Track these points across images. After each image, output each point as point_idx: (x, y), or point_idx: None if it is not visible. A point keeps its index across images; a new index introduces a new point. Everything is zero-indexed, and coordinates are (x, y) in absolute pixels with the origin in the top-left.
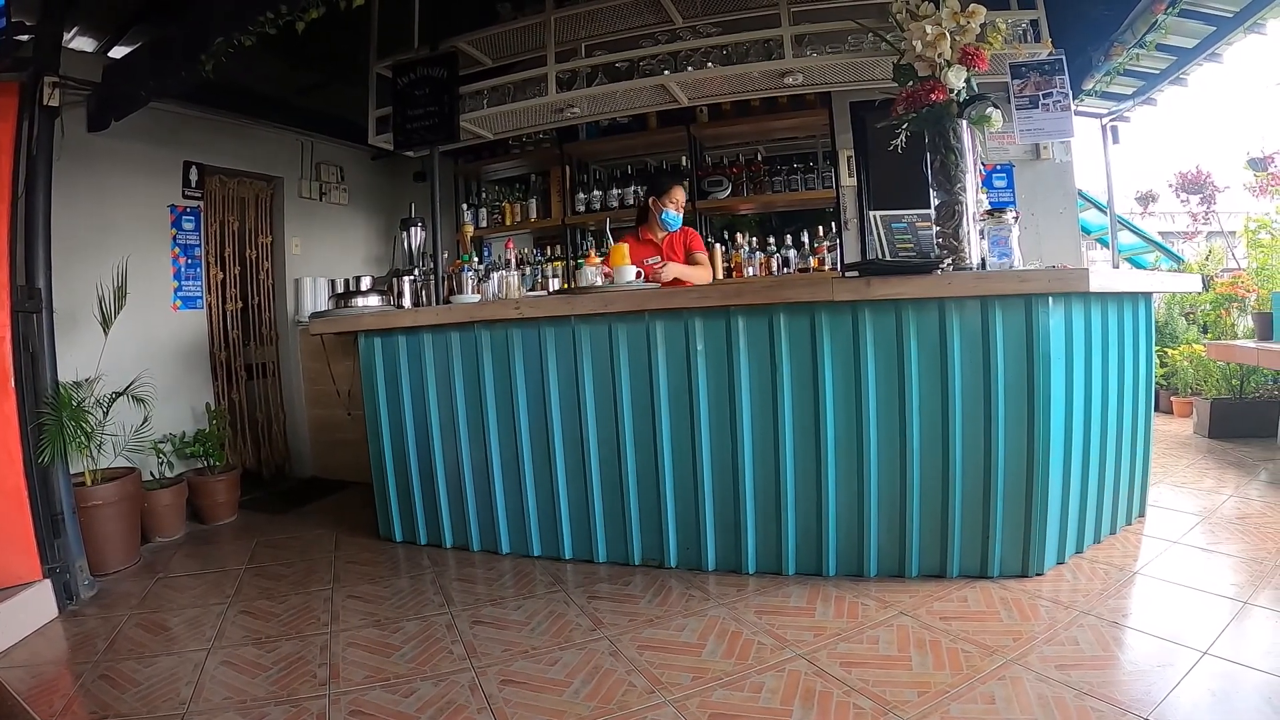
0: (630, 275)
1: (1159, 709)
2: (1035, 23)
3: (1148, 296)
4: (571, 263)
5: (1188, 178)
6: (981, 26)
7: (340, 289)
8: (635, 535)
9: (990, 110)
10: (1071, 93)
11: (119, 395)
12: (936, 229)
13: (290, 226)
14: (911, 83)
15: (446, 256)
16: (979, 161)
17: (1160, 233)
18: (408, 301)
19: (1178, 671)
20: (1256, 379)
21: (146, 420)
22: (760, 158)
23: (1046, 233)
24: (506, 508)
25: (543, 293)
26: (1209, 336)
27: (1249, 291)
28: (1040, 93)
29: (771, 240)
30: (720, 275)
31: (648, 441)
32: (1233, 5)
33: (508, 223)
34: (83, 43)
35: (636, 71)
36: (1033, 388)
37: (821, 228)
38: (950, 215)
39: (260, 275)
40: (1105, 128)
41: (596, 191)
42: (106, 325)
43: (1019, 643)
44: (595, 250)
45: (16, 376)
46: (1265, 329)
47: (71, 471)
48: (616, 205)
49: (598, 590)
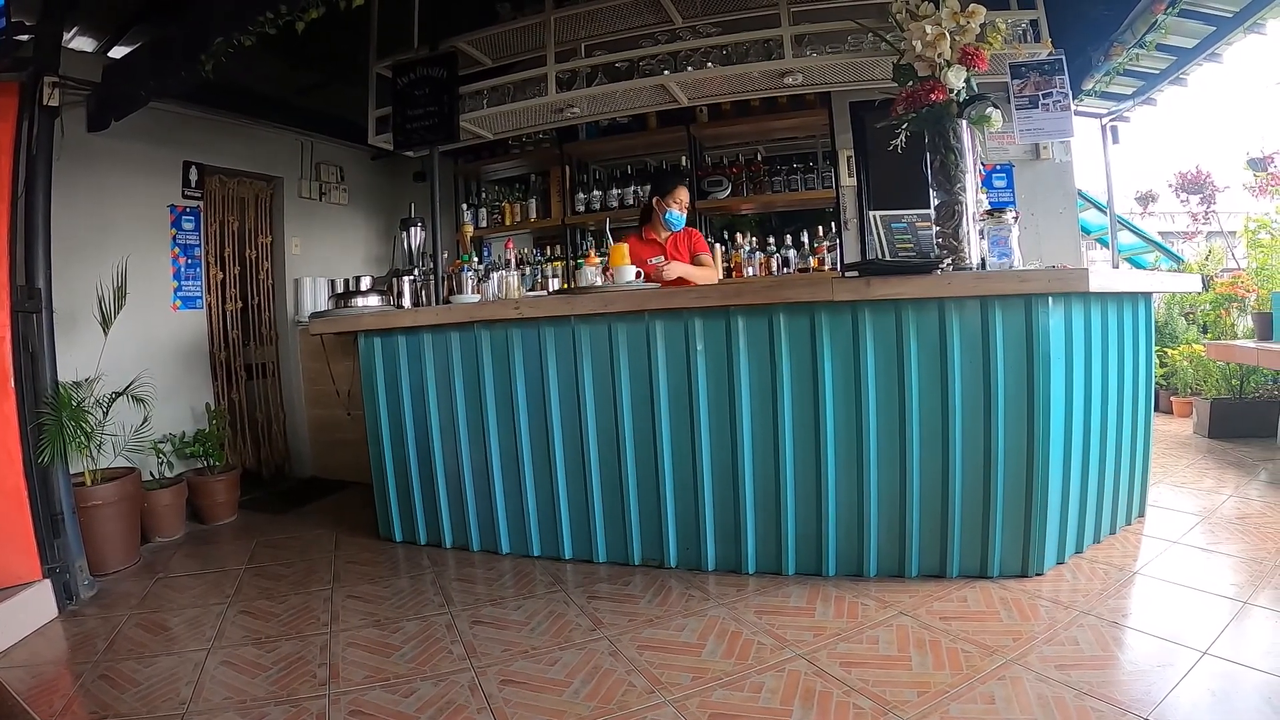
0: (630, 275)
1: (1159, 709)
2: (1035, 23)
3: (1147, 296)
4: (571, 263)
5: (1187, 178)
6: (981, 26)
7: (340, 289)
8: (635, 535)
9: (990, 110)
10: (1071, 93)
11: (119, 395)
12: (936, 229)
13: (290, 226)
14: (911, 83)
15: (446, 256)
16: (979, 161)
17: (1160, 233)
18: (407, 301)
19: (1178, 671)
20: (1256, 379)
21: (146, 420)
22: (760, 158)
23: (1046, 233)
24: (506, 508)
25: (542, 293)
26: (1209, 336)
27: (1249, 291)
28: (1040, 93)
29: (771, 240)
30: (720, 276)
31: (647, 441)
32: (1232, 5)
33: (507, 223)
34: (82, 43)
35: (636, 71)
36: (1032, 388)
37: (821, 228)
38: (950, 215)
39: (260, 275)
40: (1105, 128)
41: (596, 191)
42: (106, 325)
43: (1019, 643)
44: (595, 250)
45: (16, 376)
46: (1265, 329)
47: (71, 471)
48: (616, 205)
49: (597, 590)
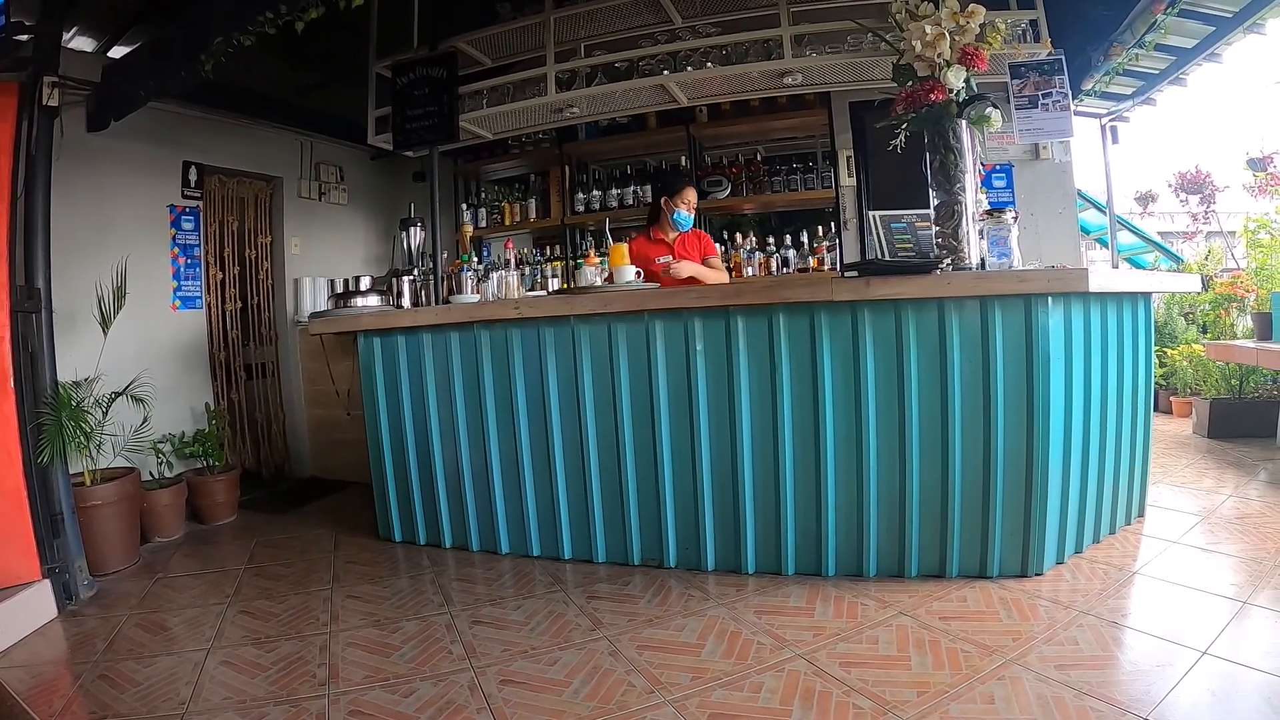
0: (630, 275)
1: (1158, 709)
2: (1034, 23)
3: (1147, 296)
4: (571, 263)
5: (1187, 178)
6: (981, 26)
7: (339, 289)
8: (635, 535)
9: (989, 110)
10: (1071, 93)
11: (118, 395)
12: (936, 229)
13: (290, 226)
14: (911, 83)
15: (446, 256)
16: (978, 161)
17: (1160, 233)
18: (407, 301)
19: (1177, 671)
20: (1256, 379)
21: (146, 420)
22: (760, 158)
23: (1046, 233)
24: (506, 508)
25: (542, 293)
26: (1208, 336)
27: (1248, 291)
28: (1039, 93)
29: (771, 240)
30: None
31: (647, 441)
32: (1232, 5)
33: (507, 223)
34: (82, 42)
35: (636, 71)
36: (1032, 387)
37: (821, 228)
38: (949, 215)
39: (260, 275)
40: (1104, 128)
41: (596, 191)
42: (106, 325)
43: (1018, 643)
44: (595, 250)
45: (16, 376)
46: (1264, 329)
47: (71, 471)
48: (616, 205)
49: (597, 590)
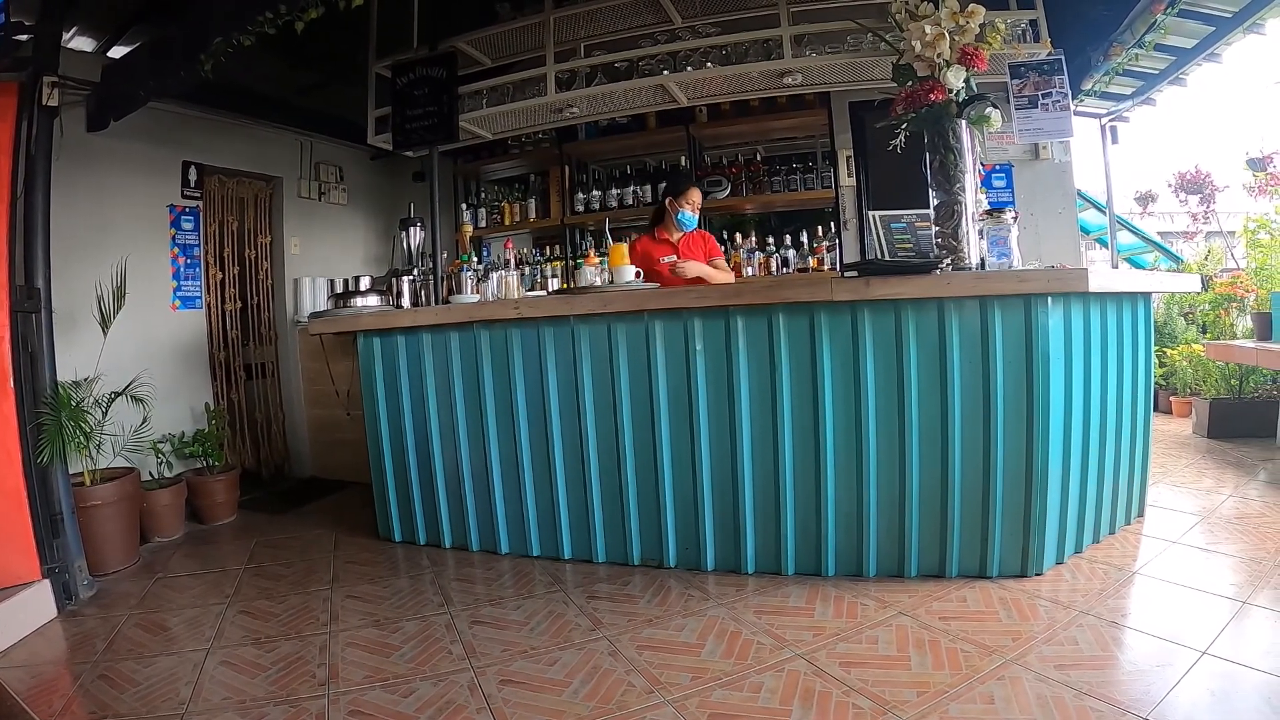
0: (629, 275)
1: (1158, 709)
2: (1034, 23)
3: (1147, 296)
4: (570, 263)
5: (1187, 178)
6: (980, 26)
7: (339, 289)
8: (634, 535)
9: (989, 110)
10: (1070, 93)
11: (118, 395)
12: (935, 229)
13: (289, 226)
14: (911, 83)
15: (445, 256)
16: (978, 161)
17: (1159, 233)
18: (407, 301)
19: (1177, 671)
20: (1255, 379)
21: (145, 420)
22: (759, 158)
23: (1045, 233)
24: (505, 507)
25: (542, 293)
26: (1208, 336)
27: (1248, 291)
28: (1039, 93)
29: (771, 240)
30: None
31: (647, 441)
32: (1232, 5)
33: (507, 223)
34: (82, 42)
35: (636, 71)
36: (1032, 388)
37: (821, 228)
38: (949, 215)
39: (259, 275)
40: (1104, 128)
41: (596, 191)
42: (105, 325)
43: (1018, 643)
44: (594, 250)
45: (15, 376)
46: (1264, 329)
47: (70, 471)
48: (616, 205)
49: (597, 590)
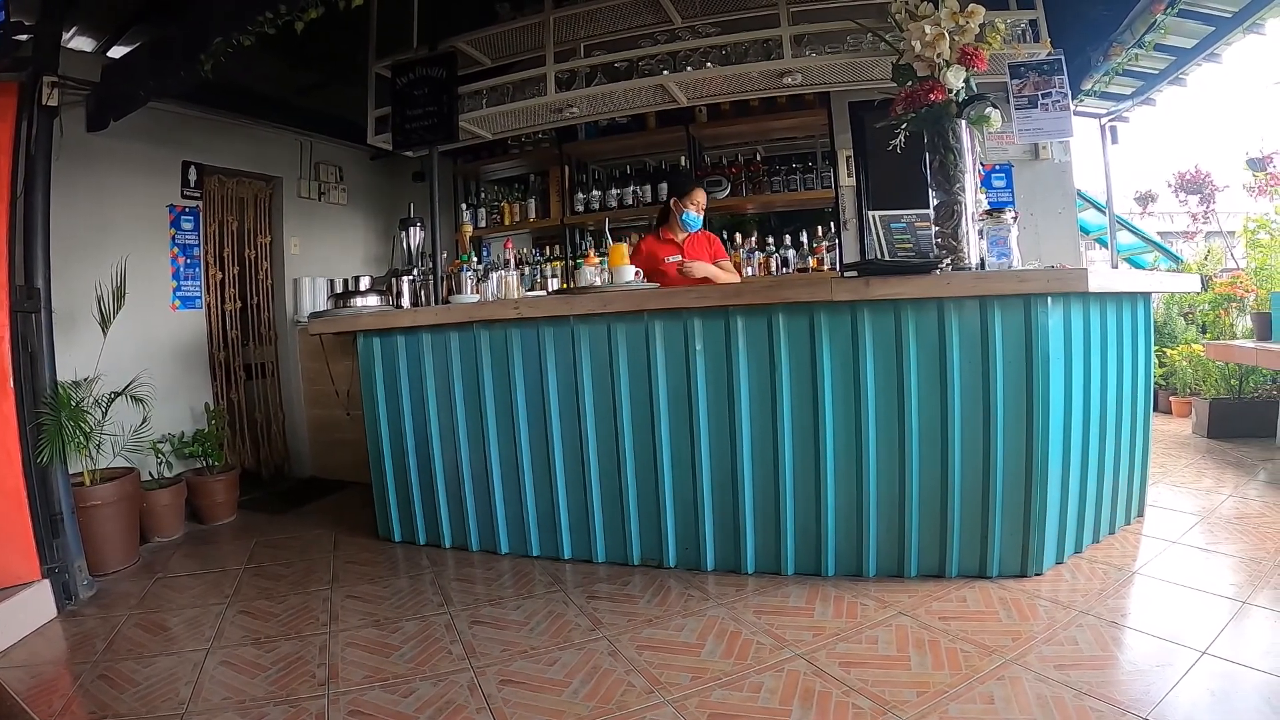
0: (629, 275)
1: (1158, 709)
2: (1034, 23)
3: (1146, 296)
4: (570, 263)
5: (1186, 178)
6: (980, 26)
7: (339, 289)
8: (634, 535)
9: (989, 110)
10: (1070, 93)
11: (118, 395)
12: (935, 229)
13: (289, 226)
14: (910, 83)
15: (445, 256)
16: (978, 161)
17: (1159, 233)
18: (406, 301)
19: (1177, 671)
20: (1255, 379)
21: (145, 420)
22: (759, 158)
23: (1045, 233)
24: (505, 508)
25: (542, 293)
26: (1208, 336)
27: (1248, 291)
28: (1039, 93)
29: (770, 240)
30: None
31: (647, 441)
32: (1231, 5)
33: (507, 223)
34: (82, 42)
35: (635, 71)
36: (1031, 388)
37: (820, 228)
38: (949, 215)
39: (259, 275)
40: (1104, 128)
41: (595, 191)
42: (105, 325)
43: (1018, 643)
44: (594, 250)
45: (15, 376)
46: (1264, 329)
47: (70, 471)
48: (615, 205)
49: (597, 590)
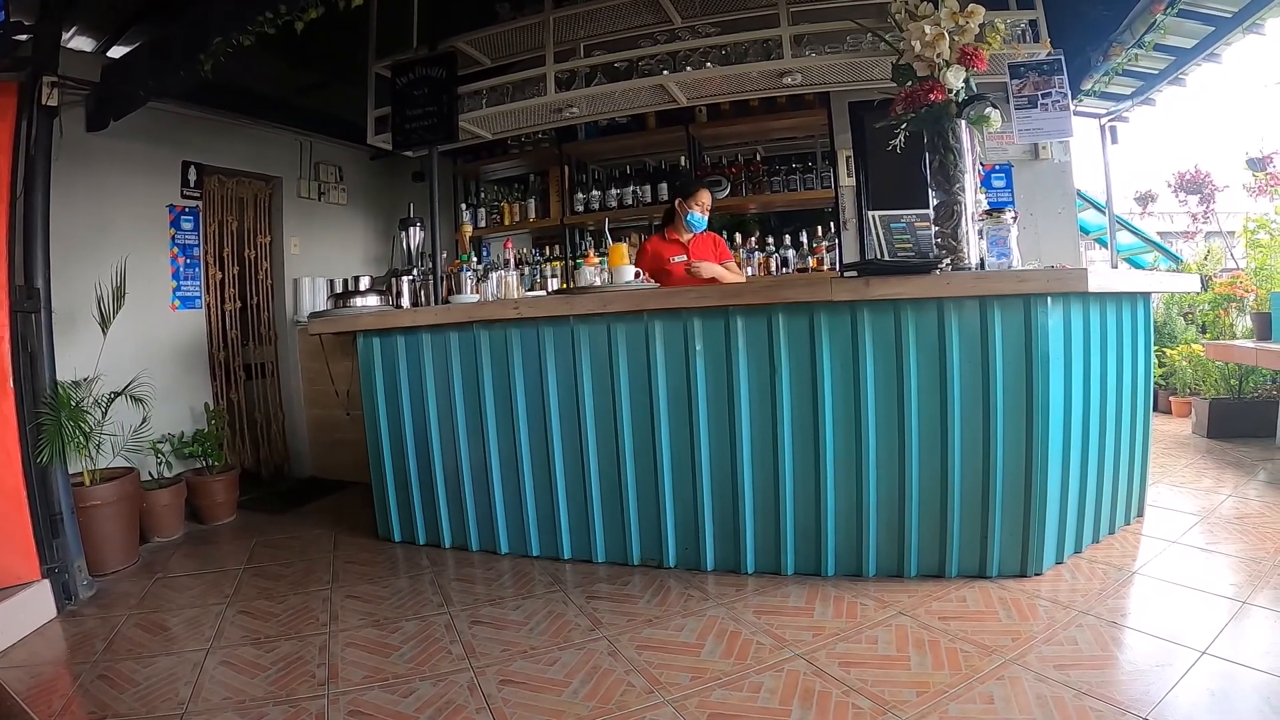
0: (629, 275)
1: (1158, 709)
2: (1034, 23)
3: (1146, 296)
4: (570, 263)
5: (1186, 178)
6: (980, 27)
7: (339, 289)
8: (634, 535)
9: (989, 110)
10: (1070, 93)
11: (117, 395)
12: (935, 229)
13: (289, 226)
14: (910, 83)
15: (445, 256)
16: (978, 161)
17: (1159, 233)
18: (406, 301)
19: (1176, 671)
20: (1255, 379)
21: (145, 420)
22: (759, 158)
23: (1045, 233)
24: (505, 508)
25: (541, 293)
26: (1207, 336)
27: (1247, 291)
28: (1039, 93)
29: (770, 240)
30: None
31: (646, 441)
32: (1231, 5)
33: (506, 223)
34: (81, 42)
35: (635, 71)
36: (1031, 387)
37: (820, 228)
38: (949, 215)
39: (259, 275)
40: (1104, 128)
41: (595, 191)
42: (105, 325)
43: (1018, 642)
44: (594, 250)
45: (15, 376)
46: (1264, 329)
47: (70, 471)
48: (615, 205)
49: (596, 590)
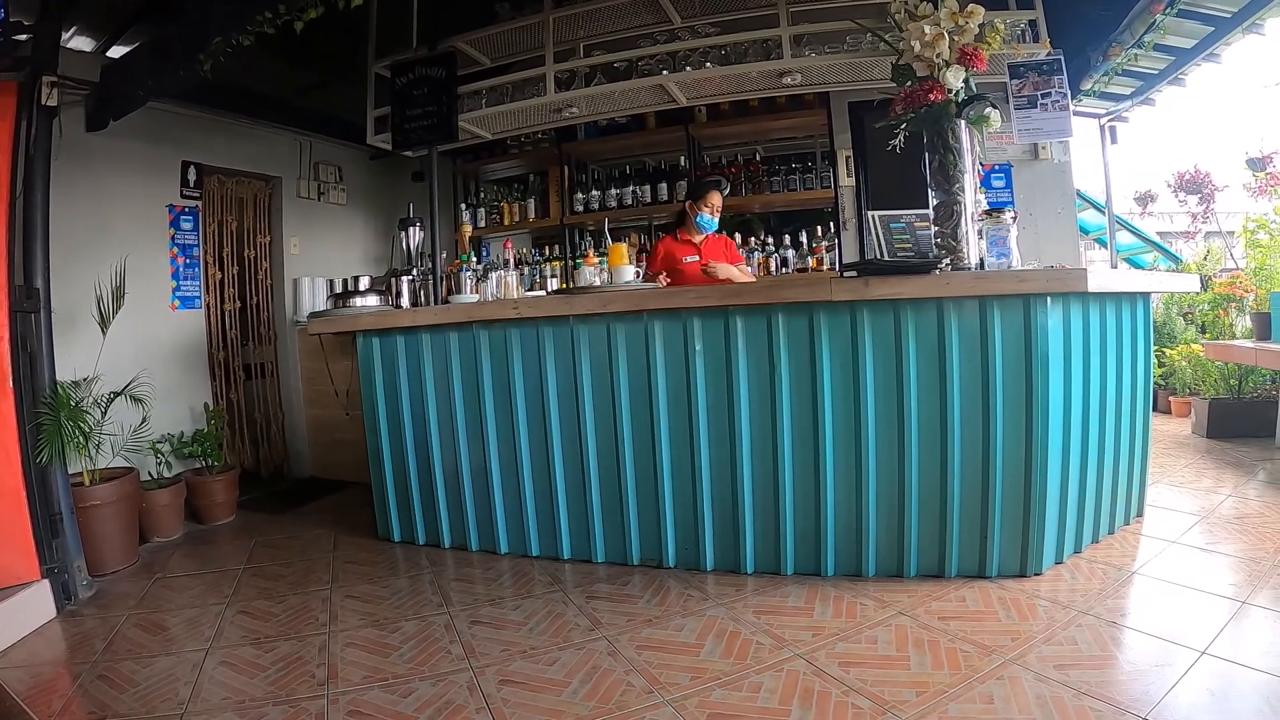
0: (629, 275)
1: (1157, 708)
2: (1034, 23)
3: (1146, 296)
4: (570, 263)
5: (1186, 178)
6: (980, 27)
7: (338, 289)
8: (634, 535)
9: (989, 110)
10: (1070, 93)
11: (117, 395)
12: (935, 229)
13: (289, 226)
14: (910, 83)
15: (445, 256)
16: (977, 161)
17: (1159, 233)
18: (406, 301)
19: (1176, 671)
20: (1254, 379)
21: (145, 420)
22: (759, 158)
23: (1045, 233)
24: (505, 507)
25: (541, 293)
26: (1207, 336)
27: (1247, 291)
28: (1039, 93)
29: (770, 240)
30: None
31: (646, 441)
32: (1231, 5)
33: (506, 223)
34: (81, 42)
35: (635, 71)
36: (1031, 387)
37: (820, 228)
38: (949, 215)
39: (259, 275)
40: (1103, 128)
41: (595, 191)
42: (105, 325)
43: (1017, 642)
44: (594, 250)
45: (15, 376)
46: (1263, 329)
47: (70, 471)
48: (615, 205)
49: (596, 590)
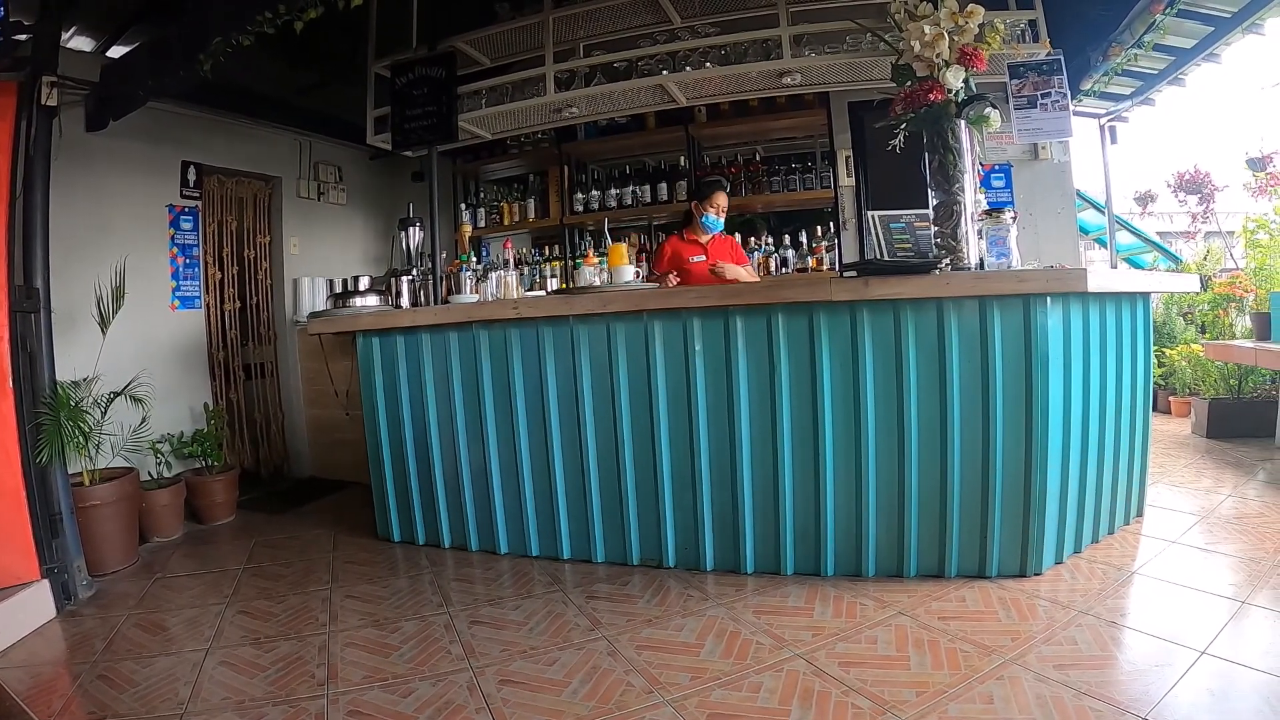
0: (628, 275)
1: (1157, 708)
2: (1033, 23)
3: (1146, 296)
4: (570, 263)
5: (1186, 178)
6: (980, 27)
7: (338, 289)
8: (633, 535)
9: (988, 110)
10: (1069, 93)
11: (117, 395)
12: (935, 229)
13: (288, 226)
14: (910, 83)
15: (445, 256)
16: (977, 161)
17: (1159, 233)
18: (406, 301)
19: (1176, 671)
20: (1254, 379)
21: (145, 420)
22: (758, 158)
23: (1045, 233)
24: (505, 508)
25: (541, 293)
26: (1207, 336)
27: (1247, 291)
28: (1038, 93)
29: (770, 240)
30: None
31: (646, 441)
32: (1231, 5)
33: (506, 223)
34: (81, 42)
35: (635, 71)
36: (1031, 387)
37: (820, 228)
38: (948, 215)
39: (258, 275)
40: (1103, 128)
41: (595, 191)
42: (105, 325)
43: (1017, 642)
44: (594, 250)
45: (14, 376)
46: (1263, 329)
47: (69, 471)
48: (615, 205)
49: (596, 590)
